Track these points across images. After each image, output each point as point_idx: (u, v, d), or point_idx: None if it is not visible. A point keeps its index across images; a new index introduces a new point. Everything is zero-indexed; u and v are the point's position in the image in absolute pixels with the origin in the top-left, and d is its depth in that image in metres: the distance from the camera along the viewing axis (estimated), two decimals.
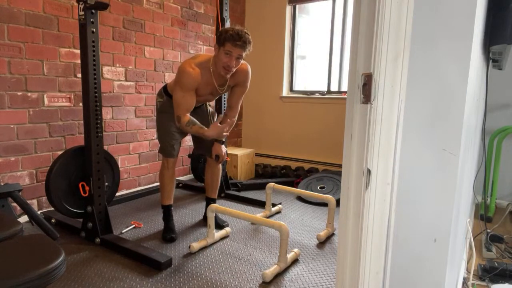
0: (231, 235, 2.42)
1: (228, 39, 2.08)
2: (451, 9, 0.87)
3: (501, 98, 2.98)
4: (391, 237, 0.98)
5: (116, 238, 2.22)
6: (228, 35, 2.08)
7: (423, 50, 0.91)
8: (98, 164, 2.21)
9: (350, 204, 0.98)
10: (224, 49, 2.10)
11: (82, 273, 1.88)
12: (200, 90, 2.25)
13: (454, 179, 0.92)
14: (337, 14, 3.81)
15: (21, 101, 2.43)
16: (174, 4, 3.43)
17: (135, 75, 3.17)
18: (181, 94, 2.18)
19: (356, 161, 0.95)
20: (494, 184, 2.81)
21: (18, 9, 2.35)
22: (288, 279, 1.89)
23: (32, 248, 1.17)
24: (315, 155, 4.00)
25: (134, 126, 3.23)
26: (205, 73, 2.21)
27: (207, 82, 2.24)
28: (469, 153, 1.36)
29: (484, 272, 1.87)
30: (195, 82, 2.17)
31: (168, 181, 2.45)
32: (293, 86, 4.23)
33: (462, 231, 1.56)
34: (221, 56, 2.13)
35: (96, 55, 2.11)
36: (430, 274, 0.97)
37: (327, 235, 2.41)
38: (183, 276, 1.89)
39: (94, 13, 2.06)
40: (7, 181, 2.40)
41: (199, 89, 2.24)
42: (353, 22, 0.93)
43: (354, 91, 0.93)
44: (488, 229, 2.37)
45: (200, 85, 2.21)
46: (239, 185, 3.50)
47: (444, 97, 0.90)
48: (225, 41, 2.09)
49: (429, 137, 0.93)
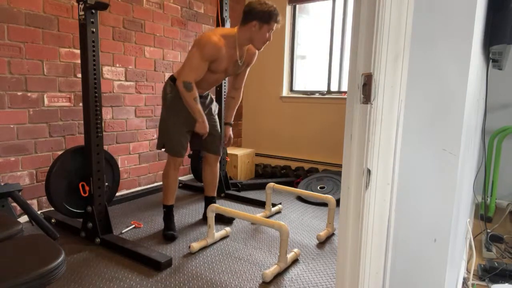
0: (231, 235, 2.42)
1: (273, 18, 2.15)
2: (451, 9, 0.87)
3: (501, 98, 2.98)
4: (391, 237, 0.98)
5: (116, 238, 2.22)
6: (273, 14, 2.15)
7: (423, 50, 0.91)
8: (98, 164, 2.21)
9: (350, 204, 0.98)
10: (269, 27, 2.17)
11: (82, 273, 1.88)
12: (219, 64, 2.23)
13: (454, 179, 0.92)
14: (337, 14, 3.81)
15: (21, 101, 2.43)
16: (174, 4, 3.43)
17: (135, 75, 3.17)
18: (199, 60, 2.16)
19: (356, 161, 0.95)
20: (494, 184, 2.81)
21: (18, 9, 2.35)
22: (288, 279, 1.89)
23: (32, 248, 1.16)
24: (315, 155, 4.00)
25: (134, 126, 3.23)
26: (229, 47, 2.22)
27: (230, 55, 2.25)
28: (469, 153, 1.36)
29: (484, 272, 1.87)
30: (218, 52, 2.17)
31: (174, 181, 2.43)
32: (293, 86, 4.23)
33: (462, 231, 1.56)
34: (263, 32, 2.18)
35: (96, 55, 2.11)
36: (430, 274, 0.97)
37: (327, 235, 2.41)
38: (183, 276, 1.89)
39: (94, 13, 2.06)
40: (7, 181, 2.40)
41: (219, 62, 2.22)
42: (353, 22, 0.93)
43: (354, 91, 0.93)
44: (488, 229, 2.37)
45: (220, 58, 2.21)
46: (239, 185, 3.50)
47: (444, 97, 0.90)
48: (270, 19, 2.16)
49: (429, 137, 0.93)
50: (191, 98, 2.19)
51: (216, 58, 2.19)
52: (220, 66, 2.25)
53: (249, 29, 2.18)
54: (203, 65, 2.18)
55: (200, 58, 2.15)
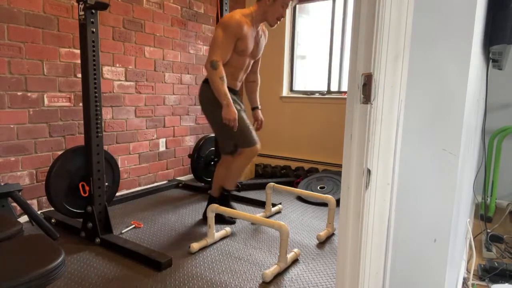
0: (231, 235, 2.42)
1: None
2: (451, 9, 0.87)
3: (501, 98, 2.98)
4: (391, 237, 0.98)
5: (116, 238, 2.22)
6: None
7: (423, 50, 0.91)
8: (98, 164, 2.21)
9: (350, 204, 0.98)
10: (282, 2, 2.20)
11: (82, 273, 1.88)
12: (244, 43, 2.25)
13: (454, 179, 0.92)
14: (337, 14, 3.81)
15: (21, 101, 2.43)
16: (174, 4, 3.43)
17: (135, 75, 3.17)
18: (224, 39, 2.18)
19: (356, 161, 0.95)
20: (494, 184, 2.81)
21: (18, 9, 2.35)
22: (288, 279, 1.89)
23: (32, 248, 1.16)
24: (315, 155, 4.00)
25: (134, 126, 3.23)
26: (249, 25, 2.25)
27: (252, 34, 2.28)
28: (469, 153, 1.36)
29: (484, 272, 1.87)
30: (241, 29, 2.20)
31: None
32: (293, 86, 4.23)
33: (462, 231, 1.56)
34: (277, 7, 2.21)
35: (96, 55, 2.11)
36: (430, 274, 0.97)
37: (327, 235, 2.41)
38: (183, 276, 1.89)
39: (94, 13, 2.06)
40: (7, 181, 2.40)
41: (243, 41, 2.24)
42: (353, 22, 0.93)
43: (354, 91, 0.93)
44: (488, 229, 2.37)
45: (244, 36, 2.23)
46: (239, 185, 3.49)
47: (444, 97, 0.90)
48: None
49: (429, 137, 0.93)
50: (217, 76, 2.19)
51: (240, 36, 2.22)
52: (245, 46, 2.27)
53: (263, 3, 2.23)
54: (229, 43, 2.20)
55: (225, 36, 2.18)
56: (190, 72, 3.71)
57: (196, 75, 3.78)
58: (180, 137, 3.72)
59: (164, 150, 3.55)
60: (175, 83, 3.56)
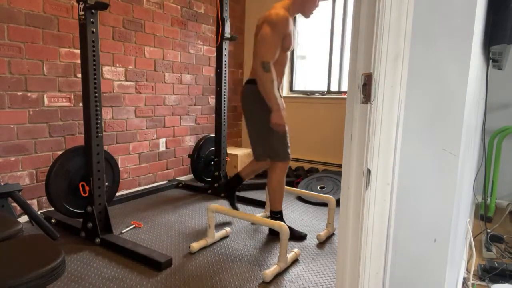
0: (231, 235, 2.42)
1: None
2: (451, 9, 0.87)
3: (501, 98, 2.98)
4: (391, 237, 0.98)
5: (116, 238, 2.22)
6: None
7: (423, 50, 0.91)
8: (98, 164, 2.21)
9: (350, 204, 0.98)
10: None
11: (82, 273, 1.88)
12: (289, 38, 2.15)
13: (454, 179, 0.92)
14: (337, 14, 3.81)
15: (21, 101, 2.43)
16: (174, 4, 3.43)
17: (135, 75, 3.17)
18: (274, 37, 2.06)
19: (356, 161, 0.95)
20: (494, 184, 2.81)
21: (18, 9, 2.35)
22: (288, 279, 1.89)
23: (32, 248, 1.16)
24: (315, 155, 4.00)
25: (134, 126, 3.23)
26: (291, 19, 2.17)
27: (292, 30, 2.17)
28: (469, 153, 1.36)
29: (484, 272, 1.87)
30: (289, 25, 2.12)
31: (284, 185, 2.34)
32: (293, 86, 4.23)
33: (462, 231, 1.56)
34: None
35: (96, 55, 2.11)
36: (430, 274, 0.97)
37: (327, 235, 2.41)
38: (183, 276, 1.89)
39: (94, 13, 2.06)
40: (7, 181, 2.40)
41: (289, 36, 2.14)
42: (353, 22, 0.93)
43: (354, 91, 0.93)
44: (488, 229, 2.37)
45: (290, 31, 2.13)
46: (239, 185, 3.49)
47: (444, 97, 0.90)
48: None
49: (429, 137, 0.93)
50: (268, 80, 2.07)
51: (287, 32, 2.12)
52: (290, 42, 2.18)
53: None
54: (278, 41, 2.09)
55: (275, 34, 2.07)
56: (190, 72, 3.71)
57: (196, 75, 3.78)
58: (180, 137, 3.72)
59: (164, 150, 3.56)
60: (175, 83, 3.56)
